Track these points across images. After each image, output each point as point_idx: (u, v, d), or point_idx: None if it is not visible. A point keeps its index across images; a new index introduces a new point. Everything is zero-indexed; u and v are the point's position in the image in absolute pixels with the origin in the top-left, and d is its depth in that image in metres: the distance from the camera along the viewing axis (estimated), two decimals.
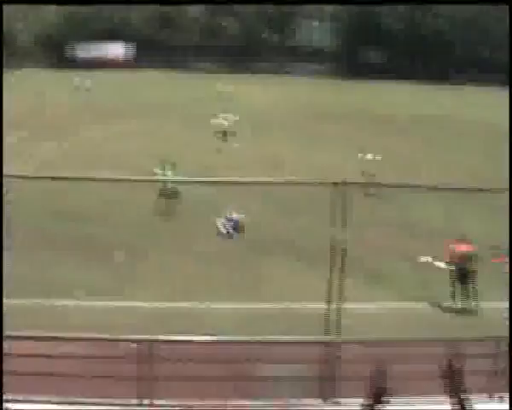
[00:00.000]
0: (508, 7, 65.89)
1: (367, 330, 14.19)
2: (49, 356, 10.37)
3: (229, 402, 10.99)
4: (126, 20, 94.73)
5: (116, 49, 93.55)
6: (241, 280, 18.44)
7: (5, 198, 17.84)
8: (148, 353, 10.31)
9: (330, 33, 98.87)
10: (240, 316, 15.87)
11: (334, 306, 11.04)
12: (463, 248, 17.48)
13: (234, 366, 11.42)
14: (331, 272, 10.68)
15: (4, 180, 10.46)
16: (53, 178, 16.09)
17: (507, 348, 11.04)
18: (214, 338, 11.59)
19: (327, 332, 11.07)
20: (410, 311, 16.85)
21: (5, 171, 11.36)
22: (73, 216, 23.40)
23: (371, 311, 16.66)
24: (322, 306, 10.85)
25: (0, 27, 66.82)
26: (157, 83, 66.48)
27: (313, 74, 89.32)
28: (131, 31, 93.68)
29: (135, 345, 10.79)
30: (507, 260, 16.46)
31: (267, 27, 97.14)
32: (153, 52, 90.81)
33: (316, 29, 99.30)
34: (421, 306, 17.37)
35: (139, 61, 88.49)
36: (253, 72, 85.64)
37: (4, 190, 17.78)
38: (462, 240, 17.76)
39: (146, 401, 10.51)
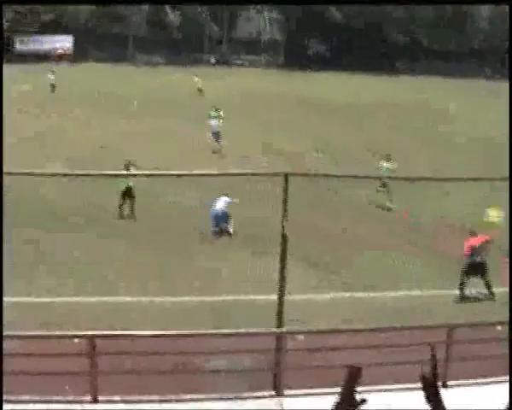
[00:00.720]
0: (508, 7, 66.66)
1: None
2: None
3: (177, 397, 10.81)
4: (69, 13, 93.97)
5: (64, 42, 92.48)
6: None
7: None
8: (90, 348, 10.03)
9: (276, 25, 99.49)
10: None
11: (288, 297, 10.96)
12: (472, 241, 17.56)
13: (179, 359, 11.23)
14: (282, 262, 10.54)
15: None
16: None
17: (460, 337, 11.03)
18: (160, 333, 11.35)
19: (278, 324, 10.95)
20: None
21: None
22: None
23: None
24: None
25: (0, 27, 66.17)
26: (117, 76, 65.80)
27: (261, 66, 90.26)
28: (75, 23, 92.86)
29: (78, 340, 10.54)
30: (507, 260, 16.47)
31: (212, 19, 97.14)
32: (97, 45, 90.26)
33: (261, 21, 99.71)
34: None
35: (84, 54, 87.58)
36: (200, 64, 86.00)
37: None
38: (473, 233, 17.80)
39: (88, 397, 10.26)
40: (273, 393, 10.94)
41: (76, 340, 10.60)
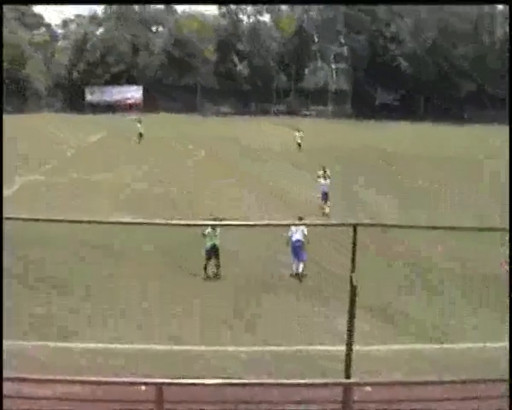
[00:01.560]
0: (508, 7, 66.92)
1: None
2: (53, 398, 10.16)
3: None
4: (139, 64, 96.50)
5: (135, 93, 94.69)
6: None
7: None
8: (157, 396, 10.04)
9: (342, 75, 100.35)
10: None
11: (356, 347, 10.85)
12: None
13: (246, 409, 11.16)
14: (350, 313, 10.47)
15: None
16: (51, 220, 15.60)
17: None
18: (227, 381, 11.30)
19: (346, 375, 10.84)
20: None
21: None
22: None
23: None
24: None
25: (0, 27, 66.98)
26: (193, 125, 67.49)
27: (328, 116, 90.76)
28: (145, 74, 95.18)
29: (144, 388, 10.55)
30: (507, 267, 16.05)
31: (279, 70, 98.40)
32: (166, 95, 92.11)
33: (328, 71, 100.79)
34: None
35: (153, 104, 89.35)
36: (268, 114, 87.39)
37: None
38: None
39: None
40: None
41: (143, 387, 10.62)
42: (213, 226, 21.63)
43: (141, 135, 57.33)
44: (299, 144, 55.64)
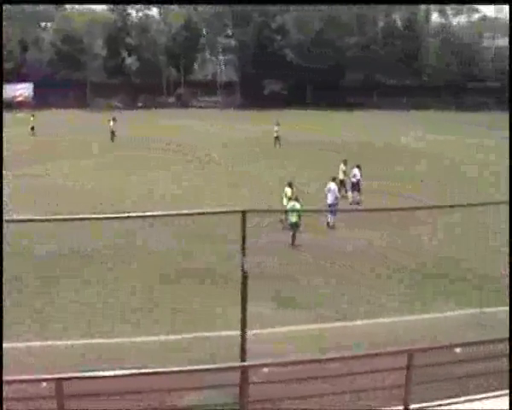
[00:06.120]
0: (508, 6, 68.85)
1: None
2: None
3: None
4: (28, 61, 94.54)
5: (25, 90, 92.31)
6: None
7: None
8: (58, 391, 10.01)
9: (230, 67, 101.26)
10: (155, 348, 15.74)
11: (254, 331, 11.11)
12: None
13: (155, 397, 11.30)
14: (243, 299, 10.71)
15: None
16: (48, 220, 15.31)
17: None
18: (124, 372, 11.30)
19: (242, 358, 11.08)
20: None
21: None
22: None
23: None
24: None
25: (0, 27, 65.26)
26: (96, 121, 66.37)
27: (219, 107, 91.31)
28: (35, 72, 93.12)
29: (45, 384, 10.54)
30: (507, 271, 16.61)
31: (169, 63, 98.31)
32: (57, 91, 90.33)
33: (217, 63, 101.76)
34: None
35: (44, 100, 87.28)
36: (159, 107, 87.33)
37: None
38: None
39: None
40: None
41: (44, 384, 10.63)
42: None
43: (113, 133, 55.95)
44: (278, 138, 52.56)
